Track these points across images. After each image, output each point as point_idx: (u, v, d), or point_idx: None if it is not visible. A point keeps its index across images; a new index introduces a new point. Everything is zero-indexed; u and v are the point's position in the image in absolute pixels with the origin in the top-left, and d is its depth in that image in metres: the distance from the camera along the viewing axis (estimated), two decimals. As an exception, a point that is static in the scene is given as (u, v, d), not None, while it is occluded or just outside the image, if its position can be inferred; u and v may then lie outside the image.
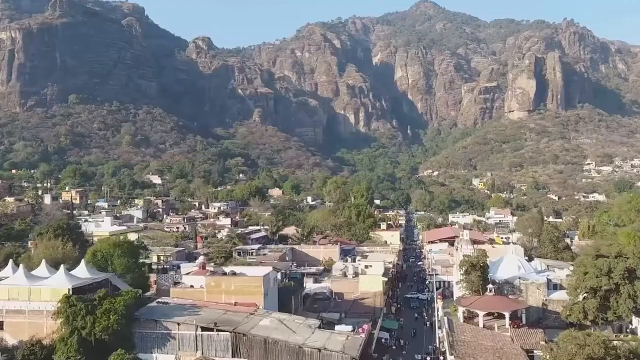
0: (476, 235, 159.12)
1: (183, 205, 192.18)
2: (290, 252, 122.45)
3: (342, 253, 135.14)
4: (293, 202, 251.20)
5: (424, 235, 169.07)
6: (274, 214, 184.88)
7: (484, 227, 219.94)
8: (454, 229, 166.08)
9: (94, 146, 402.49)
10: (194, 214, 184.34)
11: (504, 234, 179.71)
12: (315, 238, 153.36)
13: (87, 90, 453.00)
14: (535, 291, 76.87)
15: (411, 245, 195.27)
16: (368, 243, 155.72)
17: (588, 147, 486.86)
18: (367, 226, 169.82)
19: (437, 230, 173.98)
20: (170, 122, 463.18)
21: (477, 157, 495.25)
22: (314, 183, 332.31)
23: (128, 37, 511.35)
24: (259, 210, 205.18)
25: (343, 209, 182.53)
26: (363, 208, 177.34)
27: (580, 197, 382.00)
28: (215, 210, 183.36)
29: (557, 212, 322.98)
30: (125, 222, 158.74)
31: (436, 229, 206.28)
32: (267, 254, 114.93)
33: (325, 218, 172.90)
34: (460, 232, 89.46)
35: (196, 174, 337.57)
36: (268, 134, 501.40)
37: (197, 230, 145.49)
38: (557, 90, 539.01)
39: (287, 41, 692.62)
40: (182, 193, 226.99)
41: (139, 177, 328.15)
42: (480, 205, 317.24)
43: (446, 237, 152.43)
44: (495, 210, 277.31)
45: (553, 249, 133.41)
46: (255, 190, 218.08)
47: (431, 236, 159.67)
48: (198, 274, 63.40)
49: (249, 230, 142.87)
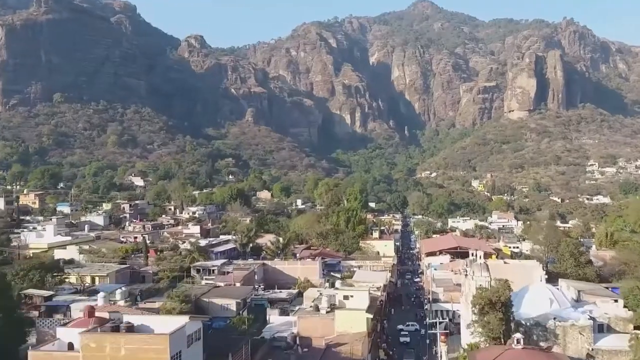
0: (482, 246, 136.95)
1: (154, 210, 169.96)
2: (261, 269, 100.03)
3: (326, 268, 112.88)
4: (280, 205, 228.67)
5: (422, 245, 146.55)
6: (253, 219, 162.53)
7: (487, 234, 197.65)
8: (456, 238, 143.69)
9: (77, 146, 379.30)
10: (165, 219, 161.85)
11: (511, 243, 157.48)
12: (296, 249, 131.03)
13: (73, 89, 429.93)
14: (576, 337, 54.45)
15: (408, 254, 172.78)
16: (358, 255, 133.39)
17: (590, 148, 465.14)
18: (357, 234, 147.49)
19: (437, 240, 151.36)
20: (159, 122, 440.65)
21: (476, 158, 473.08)
22: (305, 185, 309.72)
23: (117, 34, 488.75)
24: (240, 215, 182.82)
25: (332, 213, 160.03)
26: (353, 213, 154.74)
27: (584, 199, 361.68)
28: (189, 216, 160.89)
29: (562, 216, 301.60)
30: (79, 230, 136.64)
31: (435, 236, 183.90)
32: (230, 273, 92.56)
33: (310, 225, 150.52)
34: (471, 253, 66.51)
35: (181, 176, 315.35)
36: (261, 134, 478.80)
37: (158, 240, 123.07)
38: (558, 89, 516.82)
39: (282, 40, 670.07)
40: (157, 196, 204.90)
41: (120, 179, 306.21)
42: (481, 208, 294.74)
43: (447, 247, 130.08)
44: (498, 214, 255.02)
45: (574, 263, 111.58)
46: (237, 193, 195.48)
47: (430, 246, 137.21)
48: (80, 325, 41.28)
49: (218, 240, 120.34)
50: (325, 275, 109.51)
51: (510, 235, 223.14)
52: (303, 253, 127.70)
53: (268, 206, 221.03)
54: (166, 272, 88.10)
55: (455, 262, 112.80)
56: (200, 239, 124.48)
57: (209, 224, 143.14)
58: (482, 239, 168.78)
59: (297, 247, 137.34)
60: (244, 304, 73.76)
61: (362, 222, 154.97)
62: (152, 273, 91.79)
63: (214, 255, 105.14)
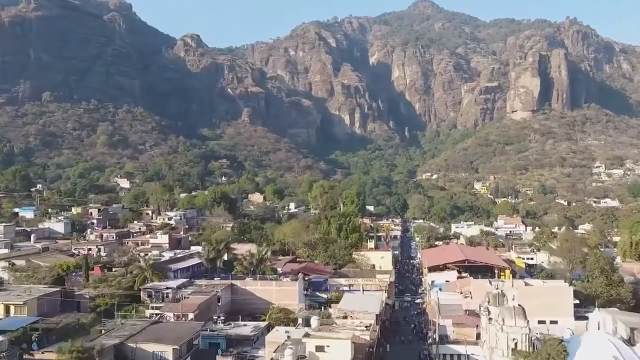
0: (492, 258, 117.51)
1: (126, 215, 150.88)
2: (228, 291, 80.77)
3: (310, 287, 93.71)
4: (270, 209, 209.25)
5: (424, 257, 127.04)
6: (235, 226, 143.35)
7: (493, 241, 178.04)
8: (463, 249, 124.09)
9: (66, 147, 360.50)
10: (136, 226, 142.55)
11: (524, 253, 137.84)
12: (279, 262, 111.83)
13: (63, 87, 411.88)
14: None
15: (408, 264, 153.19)
16: (350, 268, 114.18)
17: (596, 149, 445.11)
18: (350, 244, 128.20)
19: (441, 250, 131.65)
20: (152, 121, 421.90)
21: (478, 159, 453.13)
22: (300, 187, 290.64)
23: (110, 32, 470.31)
24: (223, 221, 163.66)
25: (323, 220, 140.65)
26: (346, 220, 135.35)
27: (592, 202, 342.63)
28: (161, 223, 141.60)
29: (570, 220, 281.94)
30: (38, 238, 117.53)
31: (438, 244, 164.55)
32: (188, 298, 73.28)
33: (297, 233, 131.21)
34: (493, 283, 47.16)
35: (170, 177, 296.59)
36: (257, 135, 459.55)
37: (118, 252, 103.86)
38: (562, 89, 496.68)
39: (280, 40, 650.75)
40: (135, 199, 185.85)
41: (106, 181, 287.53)
42: (486, 212, 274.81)
43: (453, 261, 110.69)
44: (504, 219, 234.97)
45: (605, 282, 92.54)
46: (221, 196, 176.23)
47: (433, 258, 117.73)
48: None
49: (184, 253, 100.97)
50: (308, 296, 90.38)
51: (518, 242, 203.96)
52: (286, 267, 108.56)
53: (257, 210, 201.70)
54: (102, 300, 68.73)
55: (465, 280, 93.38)
56: (166, 251, 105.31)
57: (181, 232, 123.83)
58: (491, 249, 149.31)
59: (281, 259, 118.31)
60: (187, 349, 54.45)
61: (356, 229, 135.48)
62: (90, 298, 72.51)
63: (173, 273, 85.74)
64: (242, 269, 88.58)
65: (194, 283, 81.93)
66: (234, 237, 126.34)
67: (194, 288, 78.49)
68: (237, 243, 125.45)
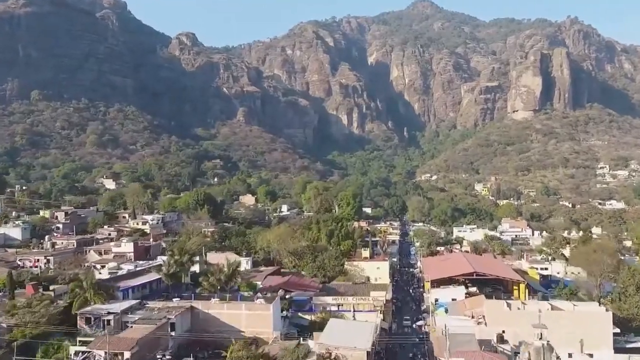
0: (503, 270, 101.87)
1: (95, 219, 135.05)
2: (187, 316, 65.02)
3: (292, 307, 78.17)
4: (259, 212, 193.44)
5: (425, 267, 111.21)
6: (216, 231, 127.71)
7: (499, 246, 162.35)
8: (470, 259, 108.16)
9: (53, 147, 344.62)
10: (105, 232, 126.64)
11: (537, 263, 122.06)
12: (260, 274, 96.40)
13: (53, 85, 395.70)
14: None
15: (407, 274, 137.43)
16: (341, 282, 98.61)
17: (600, 150, 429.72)
18: (342, 252, 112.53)
19: (444, 260, 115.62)
20: (144, 121, 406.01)
21: (479, 160, 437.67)
22: (293, 188, 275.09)
23: (102, 30, 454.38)
24: (205, 225, 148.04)
25: (313, 225, 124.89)
26: (338, 226, 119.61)
27: (596, 204, 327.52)
28: (131, 228, 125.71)
29: (576, 223, 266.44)
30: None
31: (440, 252, 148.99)
32: (132, 328, 57.63)
33: (283, 239, 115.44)
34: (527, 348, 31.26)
35: (159, 178, 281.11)
36: (252, 135, 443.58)
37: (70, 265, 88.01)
38: (564, 88, 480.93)
39: (277, 39, 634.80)
40: (111, 202, 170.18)
41: (91, 182, 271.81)
42: (488, 214, 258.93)
43: (460, 274, 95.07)
44: (509, 222, 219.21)
45: (642, 301, 77.09)
46: (204, 198, 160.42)
47: (436, 270, 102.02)
48: None
49: (143, 266, 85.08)
50: (288, 319, 74.78)
51: (526, 248, 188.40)
52: (267, 281, 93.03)
53: (245, 213, 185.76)
54: (18, 332, 53.02)
55: (476, 299, 77.51)
56: (126, 263, 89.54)
57: (151, 239, 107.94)
58: (499, 258, 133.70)
59: (263, 270, 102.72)
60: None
61: (349, 235, 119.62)
62: (7, 328, 56.82)
63: (123, 293, 69.91)
64: (209, 285, 72.84)
65: (146, 306, 66.11)
66: (211, 244, 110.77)
67: (143, 313, 62.71)
68: (215, 252, 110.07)
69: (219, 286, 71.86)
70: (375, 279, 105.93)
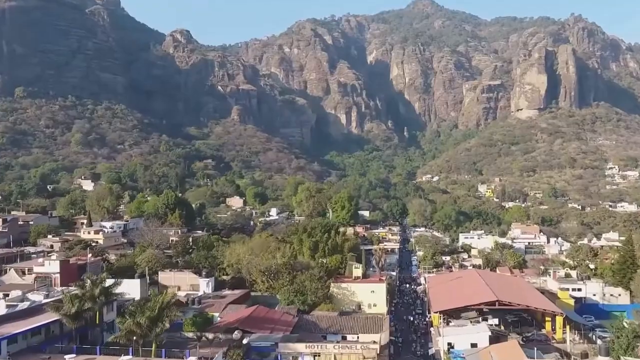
0: (532, 298, 78.94)
1: (38, 228, 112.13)
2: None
3: (249, 355, 55.20)
4: (244, 217, 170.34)
5: (430, 289, 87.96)
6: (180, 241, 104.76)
7: (513, 256, 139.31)
8: (486, 278, 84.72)
9: (36, 146, 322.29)
10: (49, 242, 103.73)
11: (568, 282, 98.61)
12: (217, 304, 73.77)
13: (38, 82, 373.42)
14: None
15: (408, 293, 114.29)
16: (324, 310, 75.70)
17: (608, 150, 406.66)
18: (329, 269, 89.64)
19: (455, 280, 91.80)
20: (134, 119, 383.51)
21: (482, 160, 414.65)
22: (284, 190, 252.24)
23: (91, 25, 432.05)
24: (174, 234, 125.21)
25: (294, 235, 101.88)
26: (324, 237, 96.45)
27: (607, 206, 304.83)
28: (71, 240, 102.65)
29: (589, 226, 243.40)
30: None
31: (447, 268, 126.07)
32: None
33: (257, 253, 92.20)
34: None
35: (142, 178, 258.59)
36: (247, 134, 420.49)
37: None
38: (570, 86, 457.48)
39: (274, 37, 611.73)
40: (72, 205, 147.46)
41: (69, 183, 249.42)
42: (496, 218, 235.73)
43: (478, 303, 72.04)
44: (520, 228, 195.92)
45: None
46: (176, 202, 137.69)
47: (444, 296, 78.92)
48: None
49: (36, 304, 61.89)
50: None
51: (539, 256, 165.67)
52: (228, 312, 70.30)
53: (227, 218, 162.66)
54: None
55: (508, 349, 54.16)
56: (38, 290, 66.55)
57: (89, 255, 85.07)
58: (518, 275, 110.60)
59: (226, 295, 79.82)
60: None
61: (337, 248, 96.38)
62: None
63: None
64: (126, 332, 49.69)
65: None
66: (166, 260, 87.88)
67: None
68: (171, 270, 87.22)
69: (140, 333, 48.89)
70: (369, 305, 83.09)
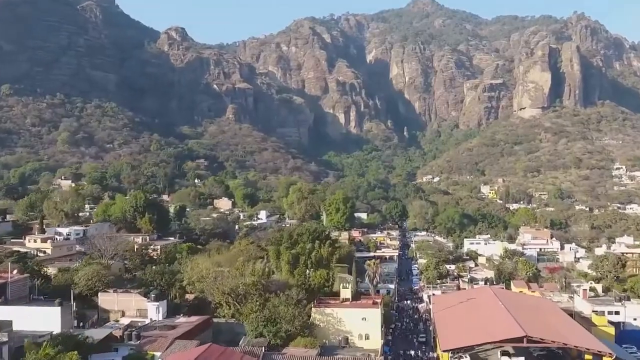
0: (567, 331, 61.00)
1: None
2: None
3: None
4: (226, 221, 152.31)
5: (436, 314, 70.05)
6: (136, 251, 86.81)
7: (526, 266, 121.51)
8: (508, 302, 66.91)
9: (21, 144, 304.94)
10: None
11: (603, 304, 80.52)
12: (161, 342, 56.01)
13: (26, 80, 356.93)
14: None
15: (409, 315, 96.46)
16: (301, 346, 57.95)
17: (615, 149, 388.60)
18: (312, 288, 72.02)
19: (466, 303, 73.70)
20: (124, 118, 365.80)
21: (484, 160, 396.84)
22: (276, 191, 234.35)
23: (82, 21, 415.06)
24: (142, 241, 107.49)
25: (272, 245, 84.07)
26: (306, 250, 78.52)
27: (615, 208, 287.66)
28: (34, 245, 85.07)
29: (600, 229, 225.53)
30: None
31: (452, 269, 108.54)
32: None
33: (224, 267, 74.23)
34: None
35: (126, 179, 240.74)
36: (242, 133, 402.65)
37: None
38: (574, 84, 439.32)
39: (272, 35, 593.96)
40: (31, 208, 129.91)
41: (48, 183, 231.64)
42: (502, 221, 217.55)
43: (498, 340, 54.20)
44: (529, 232, 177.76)
45: None
46: (146, 204, 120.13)
47: (454, 326, 61.10)
48: None
49: None
50: None
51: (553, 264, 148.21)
52: (174, 350, 52.58)
53: (208, 222, 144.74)
54: None
55: None
56: None
57: (9, 273, 67.47)
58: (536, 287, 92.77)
59: (180, 323, 61.93)
60: None
61: (322, 263, 78.34)
62: None
63: None
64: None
65: None
66: (109, 278, 70.05)
67: None
68: (114, 291, 69.41)
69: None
70: (361, 335, 65.26)
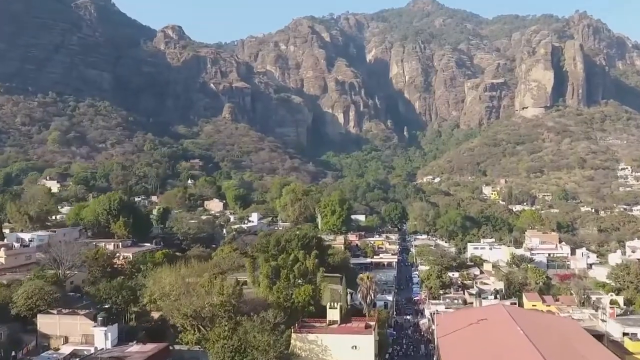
0: None
1: None
2: None
3: None
4: (212, 225, 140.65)
5: (440, 338, 58.46)
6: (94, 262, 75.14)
7: (537, 274, 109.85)
8: (525, 325, 55.31)
9: (10, 144, 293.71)
10: None
11: (635, 324, 68.88)
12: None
13: (17, 78, 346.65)
14: None
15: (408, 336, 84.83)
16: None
17: (619, 149, 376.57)
18: (297, 305, 60.49)
19: (476, 324, 61.92)
20: (118, 117, 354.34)
21: (486, 160, 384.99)
22: (269, 192, 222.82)
23: (76, 19, 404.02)
24: (114, 248, 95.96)
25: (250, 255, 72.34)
26: (291, 263, 66.78)
27: (622, 209, 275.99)
28: None
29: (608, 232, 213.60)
30: None
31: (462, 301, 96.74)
32: None
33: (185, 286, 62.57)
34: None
35: (114, 179, 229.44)
36: (238, 133, 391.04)
37: None
38: (577, 83, 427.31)
39: (271, 34, 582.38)
40: None
41: (32, 183, 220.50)
42: (506, 224, 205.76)
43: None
44: (537, 236, 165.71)
45: None
46: (120, 206, 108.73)
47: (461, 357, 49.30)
48: None
49: None
50: None
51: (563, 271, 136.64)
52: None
53: (191, 226, 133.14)
54: None
55: None
56: None
57: None
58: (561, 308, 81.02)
59: (130, 354, 50.21)
60: None
61: (307, 276, 66.61)
62: None
63: None
64: None
65: None
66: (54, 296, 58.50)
67: None
68: (56, 313, 57.82)
69: None
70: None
